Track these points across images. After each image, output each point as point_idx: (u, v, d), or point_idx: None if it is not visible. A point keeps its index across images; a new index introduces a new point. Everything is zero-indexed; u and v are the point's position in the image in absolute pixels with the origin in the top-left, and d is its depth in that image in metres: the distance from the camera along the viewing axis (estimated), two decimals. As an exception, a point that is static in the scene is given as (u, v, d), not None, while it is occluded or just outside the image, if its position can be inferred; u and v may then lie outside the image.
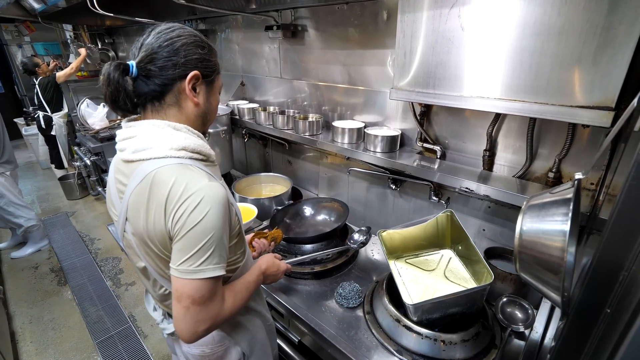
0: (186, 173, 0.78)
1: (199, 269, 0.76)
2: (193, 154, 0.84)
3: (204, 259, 0.76)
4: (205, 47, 0.86)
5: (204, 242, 0.76)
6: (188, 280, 0.76)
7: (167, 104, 0.85)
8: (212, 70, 0.89)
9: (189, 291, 0.77)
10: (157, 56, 0.80)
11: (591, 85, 0.86)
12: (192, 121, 0.89)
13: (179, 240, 0.76)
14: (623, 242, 0.51)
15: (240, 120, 2.23)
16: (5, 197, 2.94)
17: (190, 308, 0.77)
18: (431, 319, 1.08)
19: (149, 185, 0.79)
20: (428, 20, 1.09)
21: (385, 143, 1.52)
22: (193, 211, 0.75)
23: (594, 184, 1.12)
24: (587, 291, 0.56)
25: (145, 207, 0.79)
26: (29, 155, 5.84)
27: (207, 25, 2.54)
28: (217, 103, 0.97)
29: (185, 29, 0.85)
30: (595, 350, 0.55)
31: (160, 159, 0.80)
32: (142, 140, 0.82)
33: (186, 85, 0.83)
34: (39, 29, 5.40)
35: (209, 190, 0.77)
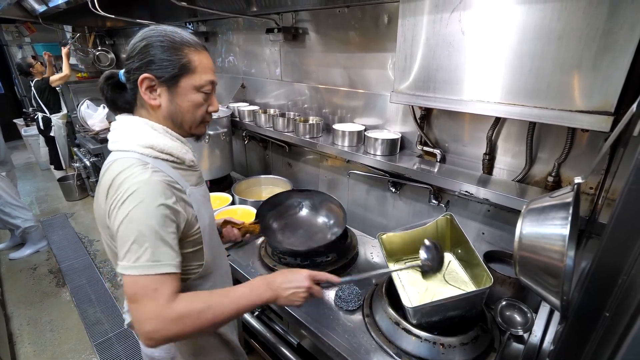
0: (135, 167, 0.81)
1: (131, 265, 0.75)
2: (161, 154, 0.87)
3: (137, 255, 0.75)
4: (163, 45, 0.84)
5: (133, 237, 0.75)
6: (125, 277, 0.76)
7: (139, 105, 0.92)
8: (169, 70, 0.85)
9: (126, 288, 0.76)
10: (125, 63, 0.88)
11: (591, 90, 0.87)
12: (162, 123, 0.91)
13: (115, 234, 0.78)
14: (622, 246, 0.51)
15: (240, 122, 2.23)
16: (1, 198, 2.94)
17: (131, 307, 0.76)
18: (430, 322, 1.08)
19: (103, 173, 0.85)
20: (429, 24, 1.10)
21: (386, 146, 1.52)
22: (123, 203, 0.76)
23: (593, 188, 1.12)
24: (587, 295, 0.56)
25: (97, 195, 0.86)
26: (29, 156, 5.83)
27: (208, 27, 2.55)
28: (192, 104, 0.91)
29: (154, 30, 0.86)
30: (594, 354, 0.55)
31: (124, 152, 0.85)
32: (116, 133, 0.90)
33: (140, 89, 0.86)
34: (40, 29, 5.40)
35: (144, 185, 0.78)
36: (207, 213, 0.99)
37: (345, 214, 1.56)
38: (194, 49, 0.88)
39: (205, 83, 0.91)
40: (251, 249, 1.68)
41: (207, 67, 0.92)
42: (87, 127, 3.59)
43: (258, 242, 1.71)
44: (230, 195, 1.96)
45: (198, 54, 0.89)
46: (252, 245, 1.70)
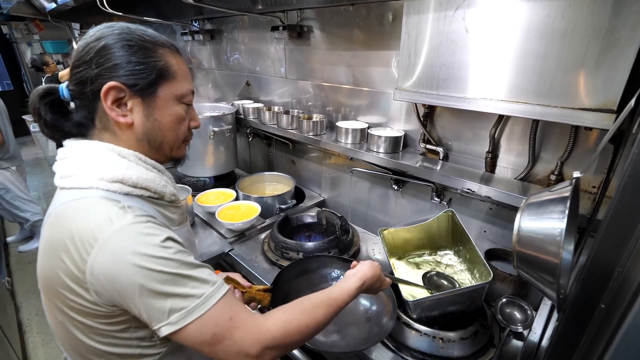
0: (102, 209, 0.61)
1: (187, 312, 0.59)
2: (135, 189, 0.68)
3: (185, 296, 0.60)
4: (132, 45, 0.66)
5: (162, 285, 0.59)
6: (187, 327, 0.59)
7: (98, 129, 0.70)
8: (144, 76, 0.67)
9: (196, 338, 0.60)
10: (74, 71, 0.67)
11: (594, 88, 0.87)
12: (134, 148, 0.72)
13: (131, 300, 0.59)
14: (619, 239, 0.52)
15: (245, 119, 2.25)
16: (11, 192, 2.99)
17: (217, 350, 0.62)
18: (430, 316, 1.10)
19: (55, 222, 0.64)
20: (433, 22, 1.11)
21: (389, 144, 1.53)
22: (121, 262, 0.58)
23: (595, 187, 1.12)
24: (583, 287, 0.57)
25: (44, 250, 0.64)
26: (37, 151, 5.91)
27: (213, 25, 2.57)
28: (173, 119, 0.74)
29: (111, 27, 0.68)
30: (590, 345, 0.56)
31: (82, 190, 0.64)
32: (71, 165, 0.68)
33: (103, 103, 0.66)
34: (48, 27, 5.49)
35: (129, 232, 0.60)
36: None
37: (395, 305, 1.08)
38: (169, 51, 0.72)
39: (187, 92, 0.75)
40: (255, 243, 1.70)
41: (186, 74, 0.75)
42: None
43: (262, 237, 1.73)
44: (234, 191, 1.99)
45: (174, 56, 0.73)
46: (255, 240, 1.72)
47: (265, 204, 1.87)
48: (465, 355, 1.07)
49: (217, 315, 0.61)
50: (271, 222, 1.83)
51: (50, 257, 0.62)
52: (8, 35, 6.08)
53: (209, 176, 2.25)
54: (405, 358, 1.08)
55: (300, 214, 1.83)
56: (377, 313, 1.14)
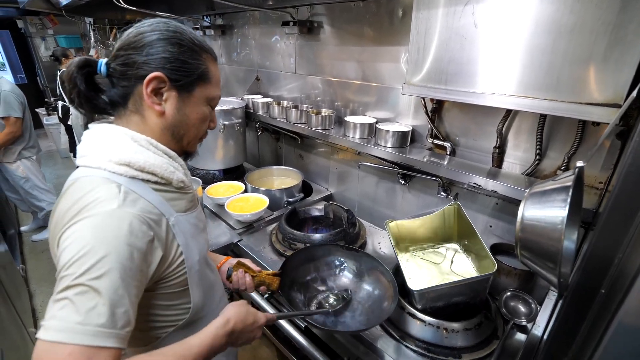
0: (101, 191, 0.62)
1: (70, 327, 0.52)
2: (141, 172, 0.69)
3: (85, 310, 0.53)
4: (183, 45, 0.72)
5: (67, 281, 0.55)
6: (47, 343, 0.52)
7: (130, 110, 0.74)
8: (187, 75, 0.73)
9: (40, 354, 0.52)
10: (121, 53, 0.71)
11: (601, 83, 0.88)
12: (157, 135, 0.75)
13: (59, 277, 0.57)
14: (620, 227, 0.54)
15: (254, 114, 2.29)
16: (30, 181, 3.08)
17: None
18: (435, 307, 1.12)
19: (62, 195, 0.67)
20: (442, 17, 1.12)
21: (396, 138, 1.55)
22: (70, 235, 0.58)
23: (602, 182, 1.13)
24: (585, 274, 0.59)
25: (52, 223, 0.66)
26: (49, 144, 6.04)
27: (224, 20, 2.61)
28: (200, 118, 0.79)
29: (167, 24, 0.73)
30: (590, 329, 0.58)
31: (91, 169, 0.67)
32: (87, 146, 0.72)
33: (144, 89, 0.70)
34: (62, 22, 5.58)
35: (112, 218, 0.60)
36: (197, 246, 0.79)
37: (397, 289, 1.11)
38: (210, 57, 0.78)
39: (216, 97, 0.81)
40: (262, 234, 1.73)
41: (219, 81, 0.82)
42: (106, 116, 3.72)
43: (270, 229, 1.77)
44: (242, 184, 2.02)
45: (214, 64, 0.79)
46: (263, 232, 1.76)
47: (274, 197, 1.90)
48: (469, 345, 1.09)
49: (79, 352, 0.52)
50: (279, 214, 1.86)
51: (52, 230, 0.66)
52: (23, 30, 6.20)
53: (218, 169, 2.29)
54: (409, 347, 1.11)
55: (308, 207, 1.86)
56: (379, 296, 1.17)
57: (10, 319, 1.82)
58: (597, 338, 0.56)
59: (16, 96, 2.77)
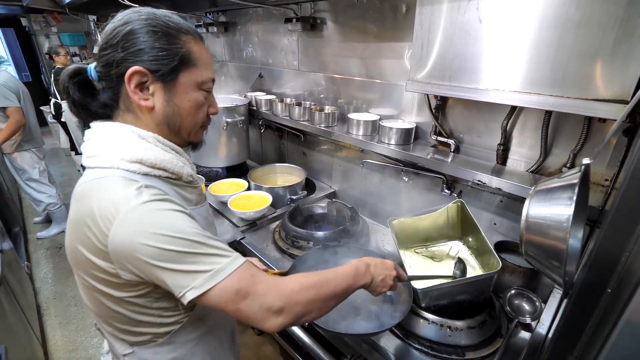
0: (120, 189, 0.64)
1: (215, 271, 0.63)
2: (153, 169, 0.71)
3: (210, 260, 0.64)
4: (157, 31, 0.68)
5: (185, 252, 0.62)
6: (213, 290, 0.62)
7: (122, 110, 0.73)
8: (167, 63, 0.69)
9: (221, 298, 0.63)
10: (101, 53, 0.69)
11: (608, 78, 0.87)
12: (154, 131, 0.75)
13: (154, 271, 0.62)
14: (627, 225, 0.53)
15: (257, 111, 2.28)
16: (26, 173, 3.10)
17: (239, 309, 0.64)
18: (439, 305, 1.11)
19: (79, 198, 0.68)
20: (446, 13, 1.11)
21: (400, 135, 1.54)
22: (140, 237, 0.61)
23: (608, 180, 1.12)
24: (591, 272, 0.58)
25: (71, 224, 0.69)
26: (54, 142, 6.06)
27: (227, 17, 2.60)
28: (193, 105, 0.76)
29: (138, 13, 0.70)
30: (596, 328, 0.57)
31: (104, 169, 0.68)
32: (92, 145, 0.71)
33: (127, 87, 0.69)
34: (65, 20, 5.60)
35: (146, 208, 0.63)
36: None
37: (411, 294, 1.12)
38: (192, 38, 0.73)
39: (207, 79, 0.77)
40: (265, 232, 1.73)
41: (208, 61, 0.77)
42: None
43: (272, 226, 1.77)
44: (246, 181, 2.02)
45: (197, 44, 0.74)
46: (266, 229, 1.76)
47: (277, 195, 1.90)
48: (473, 344, 1.09)
49: (239, 274, 0.64)
50: (282, 212, 1.86)
51: (75, 232, 0.67)
52: (27, 28, 6.23)
53: (221, 167, 2.29)
54: (412, 345, 1.11)
55: (311, 205, 1.85)
56: (390, 299, 1.18)
57: (15, 315, 1.84)
58: (604, 337, 0.55)
59: (9, 87, 2.79)
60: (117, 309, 0.70)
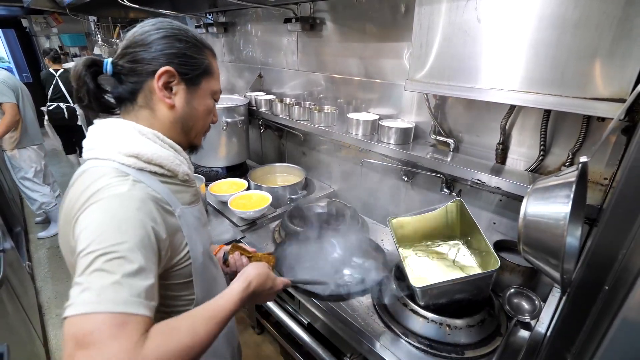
0: (110, 178, 0.64)
1: (100, 297, 0.51)
2: (148, 165, 0.71)
3: (110, 283, 0.52)
4: (188, 41, 0.76)
5: (92, 256, 0.54)
6: (77, 317, 0.50)
7: (139, 105, 0.76)
8: (194, 69, 0.77)
9: (73, 330, 0.50)
10: (129, 51, 0.74)
11: (606, 77, 0.87)
12: (166, 128, 0.78)
13: (79, 259, 0.55)
14: (624, 222, 0.53)
15: (257, 111, 2.29)
16: (22, 171, 3.11)
17: (73, 356, 0.48)
18: (438, 304, 1.11)
19: (71, 185, 0.69)
20: (445, 13, 1.11)
21: (399, 135, 1.54)
22: (86, 218, 0.59)
23: (607, 179, 1.12)
24: (588, 270, 0.58)
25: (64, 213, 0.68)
26: (53, 143, 6.07)
27: (227, 18, 2.60)
28: (206, 110, 0.83)
29: (171, 23, 0.77)
30: (594, 325, 0.57)
31: (100, 160, 0.69)
32: (95, 139, 0.73)
33: (155, 83, 0.73)
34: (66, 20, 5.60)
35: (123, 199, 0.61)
36: (200, 239, 0.80)
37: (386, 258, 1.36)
38: (211, 54, 0.83)
39: (218, 90, 0.86)
40: (265, 232, 1.74)
41: (219, 76, 0.86)
42: (110, 115, 3.73)
43: (272, 226, 1.77)
44: (245, 181, 2.03)
45: (214, 59, 0.84)
46: (266, 229, 1.76)
47: (276, 194, 1.91)
48: (472, 342, 1.09)
49: (107, 320, 0.51)
50: (282, 211, 1.87)
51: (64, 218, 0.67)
52: (28, 29, 6.24)
53: (221, 166, 2.30)
54: (412, 344, 1.11)
55: (311, 205, 1.86)
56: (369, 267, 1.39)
57: (17, 315, 1.85)
58: (601, 334, 0.55)
59: (7, 84, 2.81)
60: None
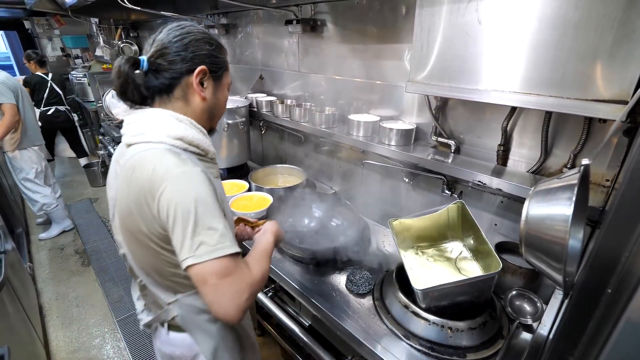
0: (170, 157, 0.78)
1: (217, 247, 0.74)
2: (190, 145, 0.86)
3: (217, 237, 0.75)
4: (213, 44, 0.91)
5: (209, 220, 0.75)
6: (209, 262, 0.74)
7: (175, 97, 0.89)
8: (220, 67, 0.93)
9: (212, 270, 0.74)
10: (167, 51, 0.85)
11: (607, 79, 0.87)
12: (198, 115, 0.91)
13: (178, 227, 0.74)
14: (627, 224, 0.53)
15: (258, 112, 2.29)
16: (23, 172, 3.11)
17: (220, 284, 0.74)
18: (439, 306, 1.11)
19: (133, 167, 0.80)
20: (445, 14, 1.11)
21: (400, 136, 1.54)
22: (181, 196, 0.74)
23: (609, 180, 1.11)
24: (591, 273, 0.58)
25: (127, 189, 0.81)
26: (56, 144, 6.09)
27: (228, 19, 2.61)
28: (225, 99, 1.00)
29: (196, 27, 0.90)
30: (596, 328, 0.57)
31: (152, 143, 0.81)
32: (142, 125, 0.85)
33: (194, 79, 0.87)
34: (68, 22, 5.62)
35: (189, 173, 0.78)
36: (227, 207, 0.99)
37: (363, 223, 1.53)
38: (225, 52, 0.98)
39: (230, 83, 1.02)
40: (266, 233, 1.73)
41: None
42: (111, 116, 3.74)
43: (273, 228, 1.77)
44: (246, 182, 2.03)
45: (226, 56, 0.98)
46: (267, 231, 1.76)
47: (278, 195, 1.90)
48: (474, 345, 1.09)
49: (230, 259, 0.76)
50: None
51: (131, 195, 0.80)
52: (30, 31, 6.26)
53: (222, 168, 2.29)
54: (413, 346, 1.11)
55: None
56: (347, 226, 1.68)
57: (18, 316, 1.85)
58: (604, 337, 0.55)
59: (7, 84, 2.80)
60: (171, 261, 0.84)
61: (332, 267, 1.49)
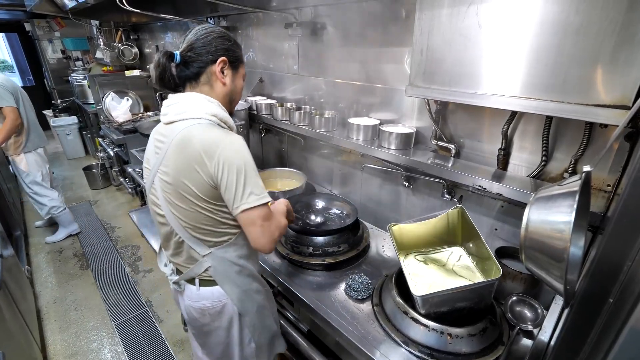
0: (215, 129, 1.01)
1: (262, 196, 1.00)
2: (221, 122, 1.06)
3: (260, 189, 1.00)
4: (231, 40, 1.11)
5: (251, 181, 0.98)
6: (257, 207, 0.98)
7: (201, 83, 1.08)
8: (236, 59, 1.13)
9: (259, 214, 0.99)
10: (195, 46, 1.05)
11: (608, 84, 0.86)
12: (220, 98, 1.10)
13: (232, 181, 0.96)
14: (628, 233, 0.52)
15: (257, 115, 2.28)
16: (30, 175, 3.06)
17: (264, 225, 1.01)
18: (439, 312, 1.10)
19: (185, 138, 0.99)
20: (445, 18, 1.11)
21: (400, 140, 1.54)
22: (235, 157, 0.96)
23: (610, 185, 1.11)
24: (592, 281, 0.57)
25: (181, 157, 0.99)
26: (56, 146, 6.09)
27: (228, 22, 2.61)
28: (241, 87, 1.19)
29: (217, 28, 1.11)
30: (598, 338, 0.56)
31: (197, 119, 1.02)
32: (184, 105, 1.04)
33: (216, 68, 1.06)
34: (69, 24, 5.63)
35: (237, 140, 1.00)
36: None
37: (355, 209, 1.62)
38: (241, 48, 1.17)
39: (245, 73, 1.20)
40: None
41: None
42: (111, 118, 3.73)
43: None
44: (246, 185, 2.02)
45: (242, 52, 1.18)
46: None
47: (277, 199, 1.89)
48: (474, 351, 1.07)
49: (268, 207, 1.03)
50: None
51: (181, 163, 0.99)
52: (30, 33, 6.27)
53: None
54: (412, 352, 1.09)
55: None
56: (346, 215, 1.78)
57: (15, 320, 1.83)
58: (607, 346, 0.54)
59: (6, 87, 2.76)
60: (211, 215, 1.04)
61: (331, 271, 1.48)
